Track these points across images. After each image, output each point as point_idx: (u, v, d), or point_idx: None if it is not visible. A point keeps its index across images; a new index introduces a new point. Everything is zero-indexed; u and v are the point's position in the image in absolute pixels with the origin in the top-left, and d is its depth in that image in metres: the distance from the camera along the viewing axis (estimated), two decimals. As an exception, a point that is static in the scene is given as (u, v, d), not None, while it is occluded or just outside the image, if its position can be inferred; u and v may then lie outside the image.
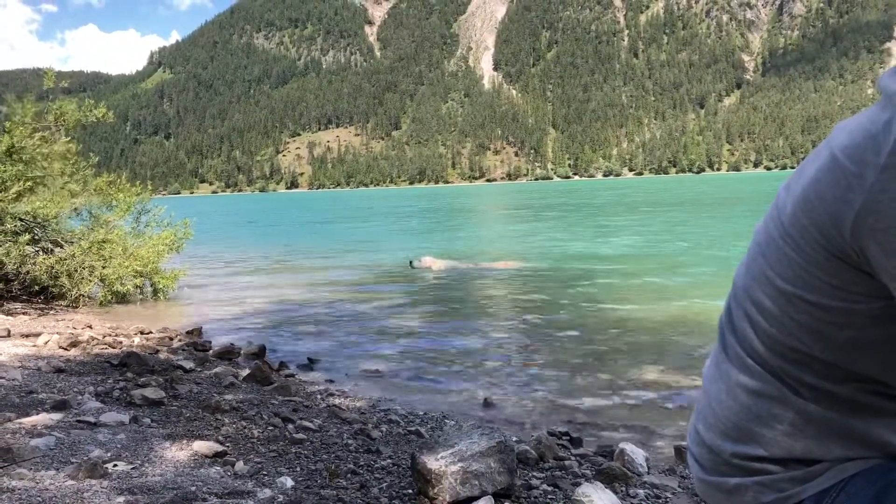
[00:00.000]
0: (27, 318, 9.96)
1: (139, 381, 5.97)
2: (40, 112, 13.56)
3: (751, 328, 1.17)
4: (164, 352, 7.86)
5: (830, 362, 1.05)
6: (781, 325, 1.09)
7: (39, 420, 4.32)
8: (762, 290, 1.11)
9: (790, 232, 1.03)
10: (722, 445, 1.24)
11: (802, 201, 1.00)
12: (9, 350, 7.09)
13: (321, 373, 7.47)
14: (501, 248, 21.60)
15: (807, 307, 1.03)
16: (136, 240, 13.41)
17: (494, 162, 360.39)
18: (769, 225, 1.11)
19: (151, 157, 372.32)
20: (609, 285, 13.34)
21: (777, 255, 1.07)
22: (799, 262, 1.02)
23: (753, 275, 1.14)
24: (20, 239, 11.01)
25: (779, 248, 1.06)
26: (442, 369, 7.54)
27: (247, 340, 8.96)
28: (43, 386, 5.50)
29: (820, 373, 1.08)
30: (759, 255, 1.13)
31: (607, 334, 8.86)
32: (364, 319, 10.56)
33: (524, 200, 67.23)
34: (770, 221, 1.11)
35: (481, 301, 12.18)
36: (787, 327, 1.08)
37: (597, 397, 6.35)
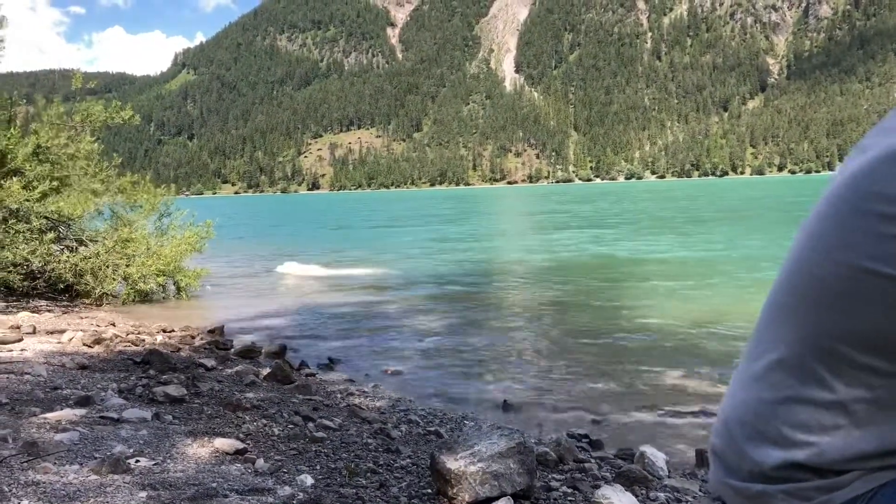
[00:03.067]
0: (52, 316, 10.07)
1: (161, 378, 6.02)
2: (67, 112, 13.75)
3: (795, 324, 1.13)
4: (186, 350, 7.92)
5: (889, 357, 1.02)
6: (843, 313, 1.05)
7: (64, 415, 4.37)
8: (818, 278, 1.07)
9: (862, 207, 1.00)
10: (749, 449, 1.19)
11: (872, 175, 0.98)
12: (34, 346, 7.18)
13: (341, 372, 7.50)
14: (522, 251, 21.57)
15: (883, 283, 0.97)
16: (160, 239, 13.54)
17: (516, 164, 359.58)
18: (831, 208, 1.07)
19: (175, 158, 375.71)
20: (633, 289, 13.26)
21: (844, 231, 1.03)
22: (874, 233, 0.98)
23: (808, 259, 1.10)
24: (45, 237, 11.15)
25: (849, 224, 1.02)
26: (462, 370, 7.54)
27: (268, 339, 9.02)
28: (67, 382, 5.56)
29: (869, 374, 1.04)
30: (818, 235, 1.09)
31: (629, 338, 8.81)
32: (385, 320, 10.59)
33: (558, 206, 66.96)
34: (834, 201, 1.07)
35: (502, 303, 12.16)
36: (849, 315, 1.04)
37: (617, 400, 6.32)
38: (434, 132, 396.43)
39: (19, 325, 8.33)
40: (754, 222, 31.05)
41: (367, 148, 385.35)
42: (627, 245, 21.73)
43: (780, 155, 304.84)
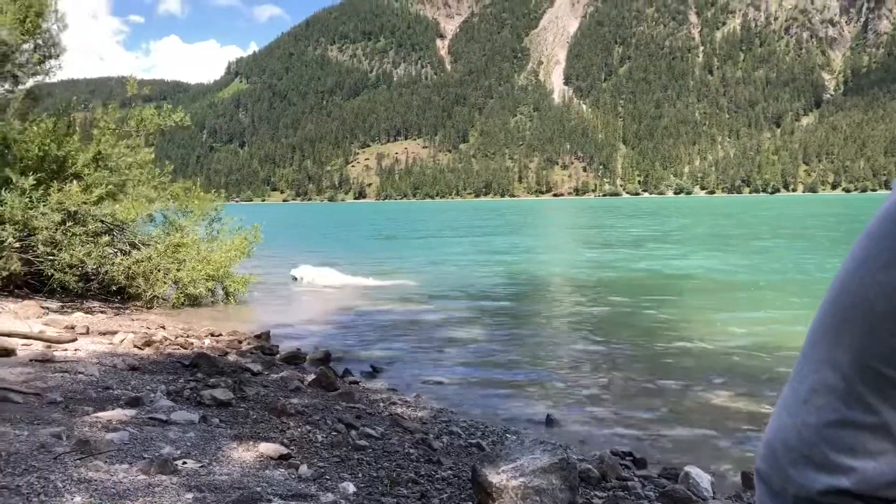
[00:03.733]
0: (104, 317, 10.33)
1: (209, 381, 6.12)
2: (123, 118, 14.12)
3: (839, 346, 1.11)
4: (233, 354, 8.05)
5: None
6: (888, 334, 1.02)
7: (114, 415, 4.47)
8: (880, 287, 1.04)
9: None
10: (794, 473, 1.17)
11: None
12: (87, 347, 7.37)
13: (384, 381, 7.53)
14: (568, 265, 21.44)
15: None
16: (209, 244, 13.79)
17: (562, 176, 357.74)
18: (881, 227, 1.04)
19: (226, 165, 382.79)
20: (681, 307, 13.07)
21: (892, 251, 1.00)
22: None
23: (867, 268, 1.08)
24: (101, 240, 11.44)
25: None
26: (505, 383, 7.51)
27: (313, 346, 9.11)
28: (118, 382, 5.69)
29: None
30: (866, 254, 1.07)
31: (676, 356, 8.68)
32: (428, 330, 10.61)
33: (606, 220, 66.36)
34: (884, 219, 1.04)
35: (547, 317, 12.09)
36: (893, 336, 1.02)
37: (662, 419, 6.23)
38: (480, 143, 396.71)
39: (74, 326, 8.56)
40: (808, 241, 30.37)
41: (414, 158, 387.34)
42: (677, 262, 21.43)
43: (834, 172, 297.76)
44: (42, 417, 4.24)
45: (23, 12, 11.67)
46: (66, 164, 12.22)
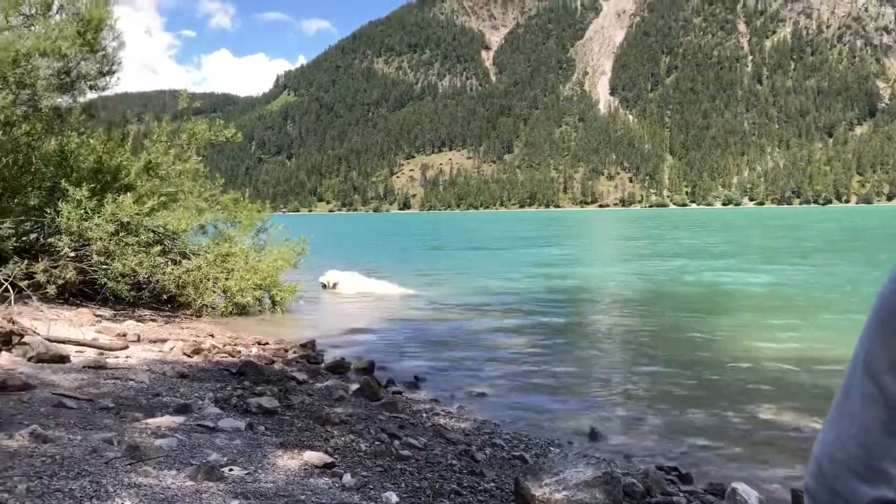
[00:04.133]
0: (155, 325, 10.55)
1: (255, 389, 6.21)
2: (175, 131, 14.47)
3: (882, 357, 1.09)
4: (279, 362, 8.15)
5: None
6: None
7: (164, 422, 4.57)
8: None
9: None
10: (839, 487, 1.15)
11: None
12: (139, 354, 7.54)
13: (427, 392, 7.54)
14: (615, 277, 21.24)
15: None
16: (257, 254, 14.01)
17: (608, 187, 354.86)
18: None
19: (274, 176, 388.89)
20: (730, 320, 12.84)
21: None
22: None
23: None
24: (152, 250, 11.69)
25: None
26: (548, 396, 7.47)
27: (357, 355, 9.18)
28: (167, 390, 5.81)
29: None
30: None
31: (724, 370, 8.52)
32: (472, 341, 10.60)
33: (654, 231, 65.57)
34: None
35: (592, 329, 11.99)
36: None
37: (709, 433, 6.12)
38: (525, 154, 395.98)
39: (125, 333, 8.76)
40: (863, 254, 29.60)
41: (458, 169, 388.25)
42: (726, 274, 21.05)
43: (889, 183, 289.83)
44: (94, 423, 4.35)
45: (82, 27, 12.03)
46: (119, 175, 12.55)
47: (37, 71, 11.14)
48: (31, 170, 12.10)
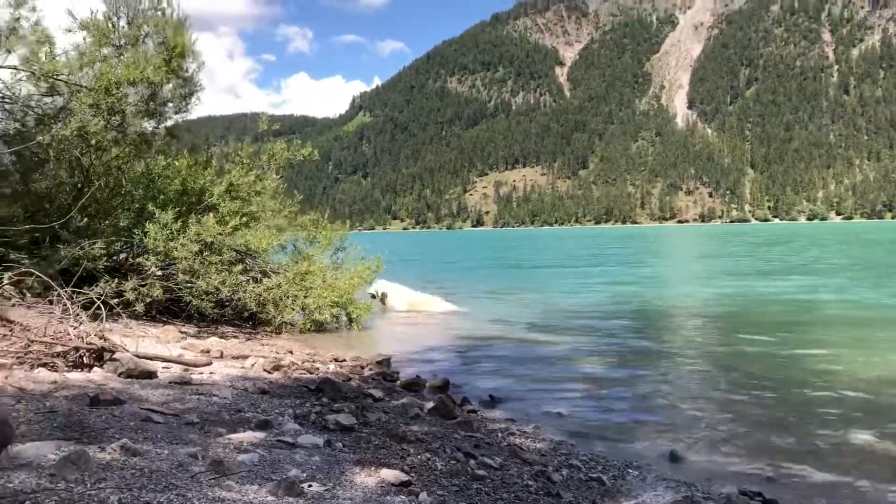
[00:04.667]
0: (237, 342, 10.84)
1: (333, 406, 6.30)
2: (255, 152, 14.92)
3: None
4: (355, 379, 8.25)
5: None
6: None
7: (246, 437, 4.68)
8: None
9: None
10: None
11: None
12: (222, 370, 7.76)
13: (503, 411, 7.50)
14: (695, 295, 20.75)
15: None
16: (334, 272, 14.26)
17: (687, 202, 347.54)
18: None
19: (350, 195, 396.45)
20: (821, 340, 12.33)
21: None
22: None
23: None
24: (234, 268, 12.06)
25: None
26: (626, 416, 7.33)
27: (431, 373, 9.21)
28: (249, 406, 5.95)
29: None
30: None
31: (813, 392, 8.19)
32: (547, 360, 10.51)
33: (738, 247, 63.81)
34: None
35: (669, 346, 11.71)
36: None
37: (796, 458, 5.88)
38: (600, 169, 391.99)
39: (209, 350, 9.03)
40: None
41: (532, 185, 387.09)
42: (815, 293, 20.27)
43: None
44: (180, 437, 4.49)
45: (167, 54, 12.55)
46: (203, 197, 13.00)
47: (126, 98, 11.67)
48: (121, 192, 12.66)
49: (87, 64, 11.65)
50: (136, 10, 12.67)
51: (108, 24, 12.42)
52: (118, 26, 12.57)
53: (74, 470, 3.37)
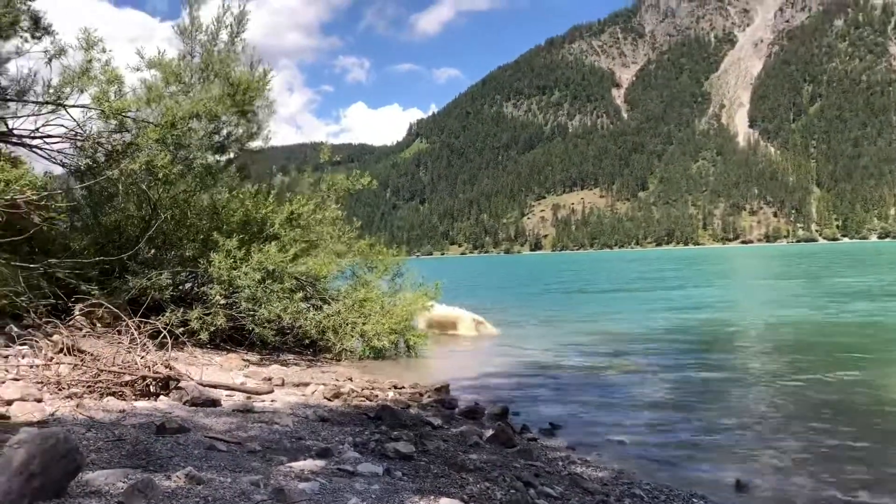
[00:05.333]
0: (298, 369, 10.98)
1: (392, 434, 6.32)
2: (316, 182, 15.21)
3: None
4: (414, 407, 8.26)
5: None
6: None
7: (306, 465, 4.72)
8: None
9: None
10: None
11: None
12: (283, 398, 7.87)
13: (563, 438, 7.41)
14: (763, 318, 20.20)
15: None
16: (392, 298, 14.36)
17: (750, 223, 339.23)
18: None
19: (407, 221, 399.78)
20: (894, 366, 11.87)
21: None
22: None
23: None
24: (295, 296, 12.25)
25: None
26: (690, 444, 7.15)
27: (490, 400, 9.16)
28: (310, 433, 6.01)
29: None
30: None
31: (886, 419, 7.86)
32: (607, 386, 10.35)
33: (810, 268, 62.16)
34: None
35: (737, 374, 11.39)
36: None
37: (868, 486, 5.65)
38: (660, 191, 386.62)
39: (271, 378, 9.18)
40: None
41: (591, 208, 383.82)
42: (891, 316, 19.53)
43: None
44: (243, 465, 4.56)
45: (232, 89, 12.95)
46: (265, 227, 13.28)
47: (192, 132, 12.06)
48: (187, 223, 13.03)
49: (155, 101, 12.08)
50: (209, 50, 13.14)
51: (179, 63, 12.90)
52: (191, 64, 13.06)
53: (141, 498, 3.45)
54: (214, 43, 13.17)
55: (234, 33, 13.31)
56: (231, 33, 13.29)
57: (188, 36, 13.06)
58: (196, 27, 13.04)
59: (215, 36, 13.16)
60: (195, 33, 13.05)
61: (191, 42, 13.06)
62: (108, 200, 12.67)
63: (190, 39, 13.06)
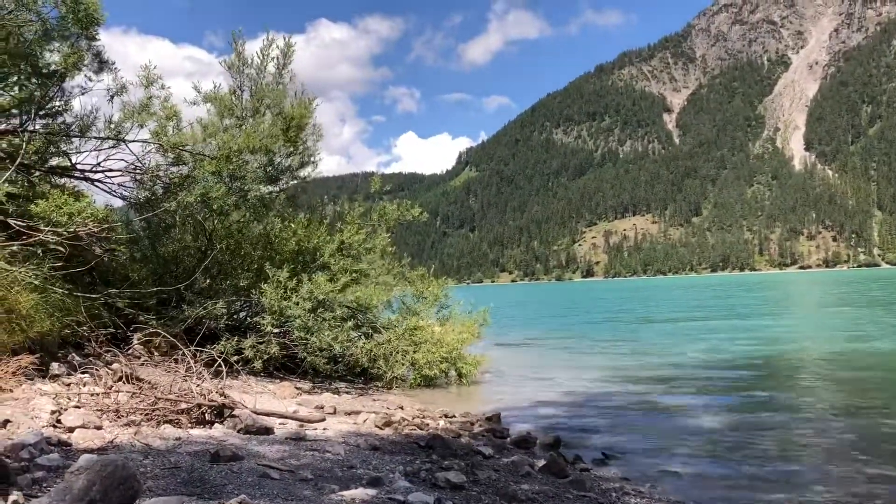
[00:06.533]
0: (349, 397, 11.04)
1: (443, 463, 6.29)
2: (367, 212, 15.39)
3: None
4: (465, 436, 8.22)
5: None
6: None
7: (357, 494, 4.73)
8: None
9: None
10: None
11: None
12: (335, 426, 7.91)
13: (616, 468, 7.27)
14: (825, 347, 19.61)
15: None
16: (442, 326, 14.36)
17: (808, 247, 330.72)
18: None
19: (458, 249, 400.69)
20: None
21: None
22: None
23: None
24: (346, 325, 12.36)
25: None
26: (749, 474, 6.95)
27: (542, 429, 9.05)
28: (361, 462, 6.02)
29: None
30: None
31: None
32: (661, 416, 10.15)
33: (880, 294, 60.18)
34: None
35: (796, 403, 11.05)
36: None
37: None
38: (715, 216, 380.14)
39: (322, 406, 9.25)
40: None
41: (643, 234, 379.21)
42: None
43: None
44: (295, 494, 4.59)
45: (285, 124, 13.25)
46: (316, 257, 13.47)
47: (246, 165, 12.36)
48: (241, 253, 13.30)
49: (210, 135, 12.43)
50: (258, 84, 13.50)
51: (231, 97, 13.27)
52: (242, 98, 13.42)
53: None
54: (262, 76, 13.51)
55: (280, 65, 13.64)
56: (278, 65, 13.62)
57: (236, 70, 13.44)
58: (243, 62, 13.41)
59: (262, 69, 13.51)
60: (243, 67, 13.42)
61: (239, 77, 13.43)
62: (165, 232, 13.02)
63: (238, 74, 13.44)
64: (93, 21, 11.23)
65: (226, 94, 13.26)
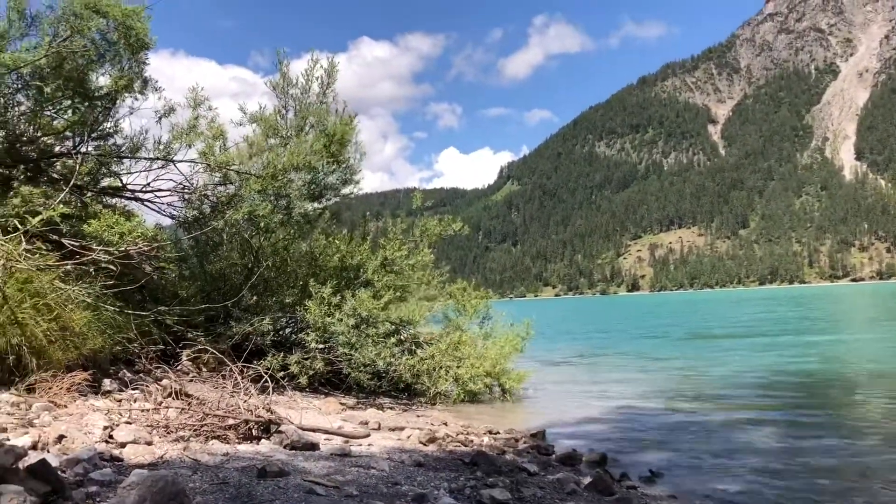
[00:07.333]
0: (393, 413, 11.07)
1: (487, 480, 6.26)
2: (409, 227, 15.47)
3: None
4: (510, 453, 8.17)
5: None
6: None
7: (402, 511, 4.73)
8: None
9: None
10: None
11: None
12: (379, 442, 7.94)
13: (665, 487, 7.15)
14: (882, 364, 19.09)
15: None
16: (484, 340, 14.32)
17: (861, 259, 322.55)
18: None
19: (500, 263, 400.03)
20: None
21: None
22: None
23: None
24: (389, 340, 12.41)
25: None
26: (802, 497, 6.77)
27: (587, 446, 8.95)
28: (405, 478, 6.03)
29: None
30: None
31: None
32: (710, 433, 9.95)
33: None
34: None
35: (850, 422, 10.76)
36: None
37: None
38: (762, 228, 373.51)
39: (367, 422, 9.28)
40: None
41: (689, 247, 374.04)
42: None
43: None
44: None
45: (328, 141, 13.43)
46: (359, 273, 13.58)
47: (291, 183, 12.55)
48: (287, 270, 13.47)
49: (256, 154, 12.67)
50: (303, 103, 13.71)
51: (276, 117, 13.50)
52: (286, 118, 13.65)
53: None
54: (307, 95, 13.72)
55: (324, 84, 13.83)
56: (322, 85, 13.81)
57: (281, 91, 13.66)
58: (287, 82, 13.63)
59: (307, 89, 13.72)
60: (287, 88, 13.64)
61: (284, 97, 13.65)
62: (213, 250, 13.27)
63: (283, 94, 13.66)
64: (143, 45, 11.57)
65: (271, 114, 13.49)
